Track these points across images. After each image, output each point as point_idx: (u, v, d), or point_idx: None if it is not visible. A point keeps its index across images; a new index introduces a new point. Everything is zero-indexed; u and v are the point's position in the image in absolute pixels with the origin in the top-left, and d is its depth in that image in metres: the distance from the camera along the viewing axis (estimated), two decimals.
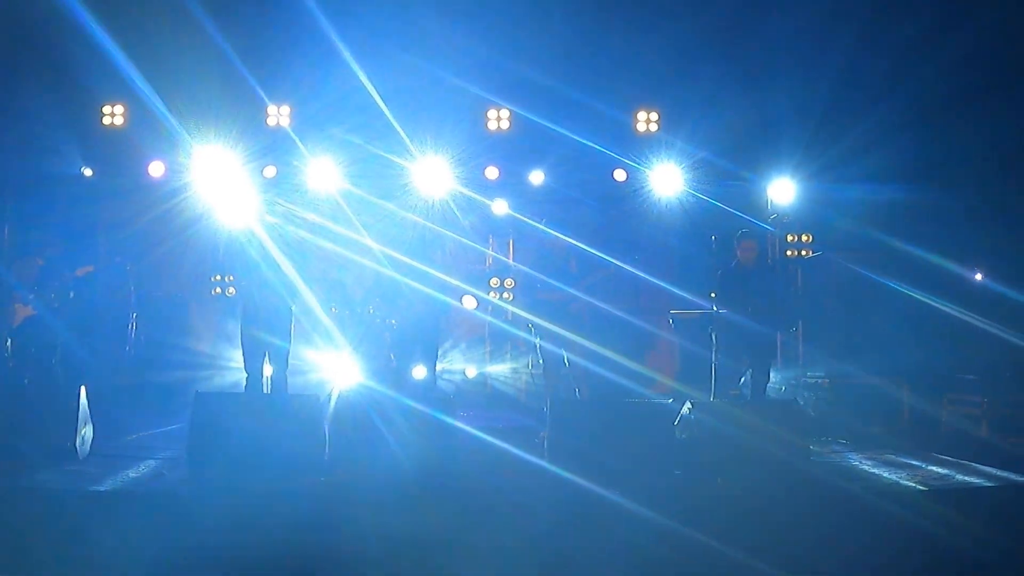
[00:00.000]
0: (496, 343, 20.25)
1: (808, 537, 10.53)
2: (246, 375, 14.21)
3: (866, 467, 13.78)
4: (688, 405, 12.98)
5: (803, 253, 19.20)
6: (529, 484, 11.97)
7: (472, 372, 19.61)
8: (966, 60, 17.21)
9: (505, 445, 13.22)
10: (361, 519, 10.63)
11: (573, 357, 15.56)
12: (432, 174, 19.00)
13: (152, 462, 12.90)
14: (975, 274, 18.93)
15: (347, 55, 18.04)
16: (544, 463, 12.52)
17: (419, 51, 18.14)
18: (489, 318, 20.03)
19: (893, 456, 14.47)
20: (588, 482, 11.64)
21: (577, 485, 11.66)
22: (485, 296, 19.80)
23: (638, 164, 18.99)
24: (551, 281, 16.20)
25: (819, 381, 17.59)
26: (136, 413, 16.07)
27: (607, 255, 17.14)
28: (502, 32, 18.32)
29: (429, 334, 15.91)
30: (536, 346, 15.98)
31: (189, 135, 18.47)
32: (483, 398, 19.19)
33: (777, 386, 17.13)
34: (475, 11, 18.20)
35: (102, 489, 11.33)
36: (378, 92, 18.44)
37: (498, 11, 18.31)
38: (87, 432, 12.98)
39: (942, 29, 17.12)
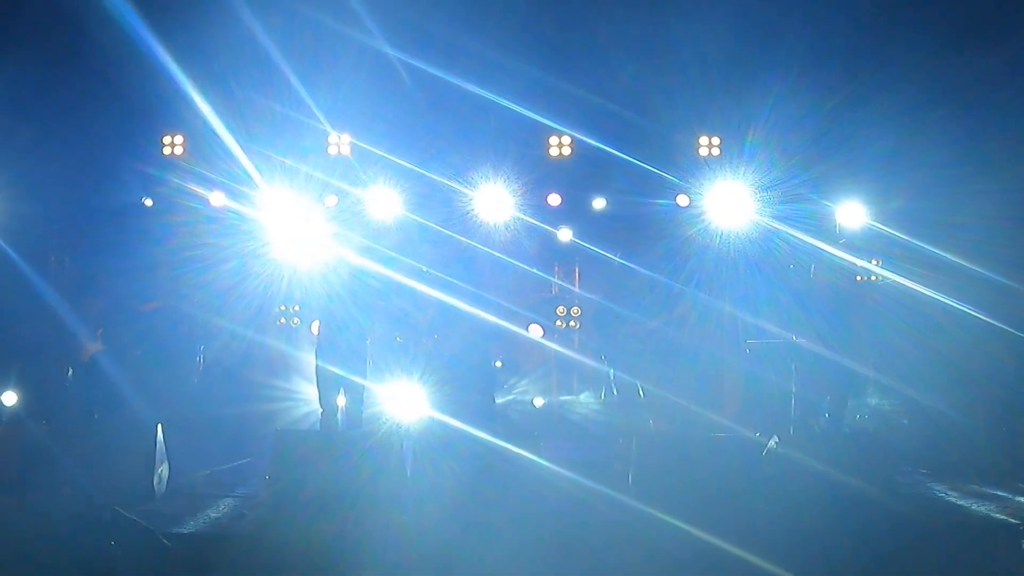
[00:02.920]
0: (563, 372, 20.04)
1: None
2: (321, 410, 14.09)
3: (952, 499, 13.54)
4: (775, 439, 12.79)
5: (872, 278, 18.94)
6: (617, 520, 11.78)
7: (540, 401, 19.40)
8: None
9: (590, 482, 12.97)
10: (449, 559, 10.47)
11: (648, 387, 15.36)
12: (494, 201, 18.88)
13: (230, 500, 12.76)
14: None
15: (408, 82, 17.96)
16: (631, 500, 12.35)
17: (479, 78, 18.01)
18: (546, 351, 19.85)
19: (977, 487, 14.19)
20: (674, 518, 11.47)
21: (666, 522, 11.45)
22: (551, 324, 19.68)
23: (701, 189, 18.79)
24: (613, 306, 16.05)
25: (895, 408, 17.33)
26: (206, 447, 15.91)
27: (675, 283, 16.95)
28: (562, 59, 18.19)
29: (491, 363, 15.80)
30: (610, 376, 15.82)
31: (250, 164, 18.41)
32: (551, 428, 18.93)
33: (855, 414, 16.89)
34: (535, 39, 18.09)
35: (184, 531, 11.18)
36: (439, 119, 18.36)
37: (558, 38, 18.21)
38: (164, 470, 12.87)
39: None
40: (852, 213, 18.58)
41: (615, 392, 15.86)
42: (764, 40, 18.18)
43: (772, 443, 12.84)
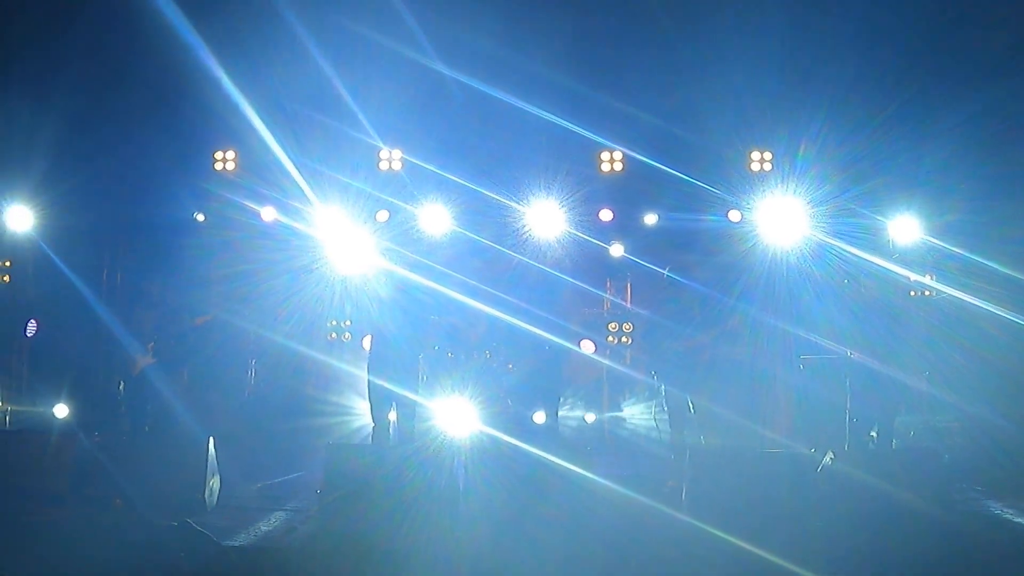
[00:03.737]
0: (614, 388, 19.93)
1: None
2: (373, 424, 14.08)
3: (1009, 515, 13.38)
4: (830, 455, 12.67)
5: (926, 293, 18.73)
6: (669, 537, 11.70)
7: (591, 418, 19.33)
8: None
9: (643, 498, 12.89)
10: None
11: (699, 403, 15.26)
12: (545, 217, 18.83)
13: (281, 514, 12.75)
14: None
15: (459, 98, 17.98)
16: (684, 516, 12.27)
17: (530, 94, 18.00)
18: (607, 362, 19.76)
19: None
20: (729, 535, 11.39)
21: (720, 539, 11.36)
22: (603, 340, 19.63)
23: (752, 204, 18.61)
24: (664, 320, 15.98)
25: (948, 425, 17.13)
26: (257, 461, 15.93)
27: (727, 299, 16.83)
28: (612, 74, 18.17)
29: (549, 379, 15.73)
30: (661, 392, 15.74)
31: (302, 179, 18.50)
32: (603, 444, 18.83)
33: (907, 431, 16.71)
34: (585, 54, 18.06)
35: (236, 544, 11.17)
36: (490, 135, 18.37)
37: (607, 54, 18.17)
38: (215, 483, 12.89)
39: None
40: (906, 227, 18.34)
41: (666, 408, 15.76)
42: (815, 53, 18.04)
43: (827, 459, 12.73)
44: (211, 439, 12.93)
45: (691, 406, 15.44)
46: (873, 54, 17.82)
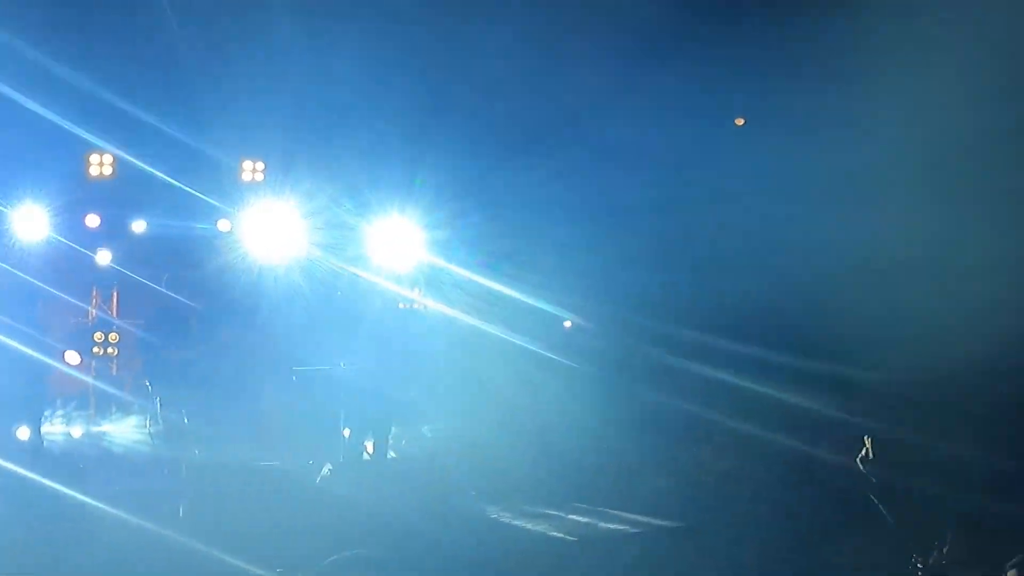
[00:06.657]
0: (103, 402, 19.20)
1: None
2: None
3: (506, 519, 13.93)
4: (328, 467, 12.84)
5: (414, 306, 18.99)
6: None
7: (77, 432, 18.48)
8: None
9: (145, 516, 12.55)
10: None
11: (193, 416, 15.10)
12: (28, 221, 18.07)
13: None
14: None
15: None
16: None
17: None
18: None
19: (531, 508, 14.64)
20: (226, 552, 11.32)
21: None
22: (89, 351, 19.09)
23: (243, 214, 18.45)
24: None
25: (443, 434, 17.58)
26: None
27: (216, 310, 16.78)
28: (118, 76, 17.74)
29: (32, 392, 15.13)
30: (157, 405, 15.43)
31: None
32: (95, 460, 18.09)
33: (400, 440, 17.03)
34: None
35: None
36: None
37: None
38: None
39: None
40: (400, 243, 18.47)
41: (160, 421, 15.44)
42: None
43: (326, 471, 12.87)
44: None
45: (185, 418, 15.19)
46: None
